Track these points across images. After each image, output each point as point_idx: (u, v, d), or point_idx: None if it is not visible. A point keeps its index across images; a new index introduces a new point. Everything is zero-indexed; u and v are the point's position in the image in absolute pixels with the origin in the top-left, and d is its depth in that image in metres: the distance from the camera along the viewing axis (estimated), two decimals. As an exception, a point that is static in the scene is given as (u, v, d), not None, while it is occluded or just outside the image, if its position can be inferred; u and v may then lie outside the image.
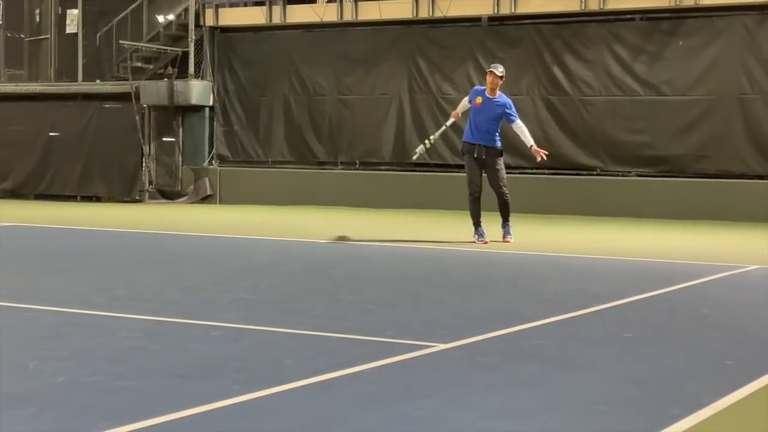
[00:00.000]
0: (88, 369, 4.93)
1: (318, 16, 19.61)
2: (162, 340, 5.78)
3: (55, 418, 4.07)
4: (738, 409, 4.41)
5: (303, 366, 5.10)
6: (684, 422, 4.12)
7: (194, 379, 4.79)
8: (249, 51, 20.53)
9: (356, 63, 19.58)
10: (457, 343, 5.72)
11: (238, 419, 4.13)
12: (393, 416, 4.19)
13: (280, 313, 6.82)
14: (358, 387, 4.71)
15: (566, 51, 17.95)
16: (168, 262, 10.04)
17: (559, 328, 6.38)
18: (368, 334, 6.01)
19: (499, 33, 18.49)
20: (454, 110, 12.73)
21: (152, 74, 20.98)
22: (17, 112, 21.74)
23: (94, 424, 3.93)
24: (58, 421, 4.04)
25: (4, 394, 4.42)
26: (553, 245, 12.09)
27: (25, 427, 3.93)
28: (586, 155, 17.82)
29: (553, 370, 5.13)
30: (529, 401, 4.50)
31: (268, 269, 9.56)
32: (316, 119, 20.01)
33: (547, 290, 8.18)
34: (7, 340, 5.74)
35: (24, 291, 7.63)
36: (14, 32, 23.13)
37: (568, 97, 17.91)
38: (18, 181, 21.70)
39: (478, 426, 4.08)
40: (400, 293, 8.03)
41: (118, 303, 7.11)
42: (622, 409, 4.41)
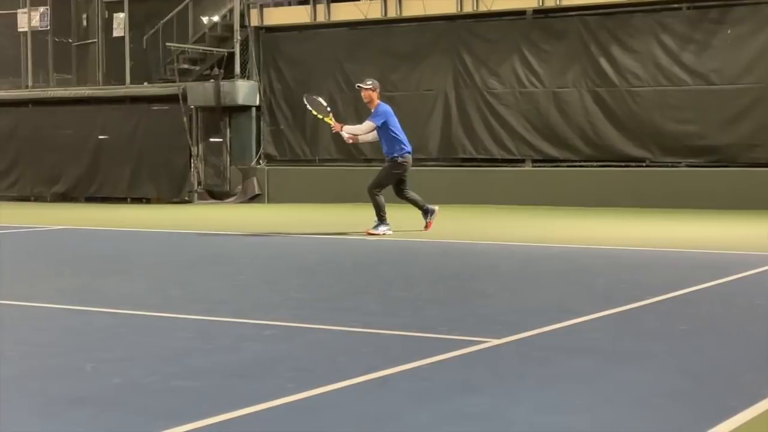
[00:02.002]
0: (143, 370, 4.98)
1: (362, 13, 19.62)
2: (215, 339, 5.81)
3: (112, 419, 4.11)
4: (797, 400, 4.35)
5: (357, 363, 5.10)
6: (742, 415, 4.07)
7: (249, 379, 4.81)
8: (294, 50, 20.60)
9: (401, 59, 19.57)
10: (510, 338, 5.70)
11: (294, 417, 4.14)
12: (448, 412, 4.18)
13: (331, 311, 6.83)
14: (412, 383, 4.71)
15: (613, 42, 17.82)
16: (218, 262, 10.11)
17: (612, 322, 6.33)
18: (420, 330, 6.00)
19: (545, 26, 18.39)
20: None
21: (199, 75, 21.13)
22: (67, 117, 22.01)
23: (152, 424, 3.97)
24: (116, 421, 4.08)
25: (63, 395, 4.47)
26: (602, 238, 12.00)
27: (83, 428, 3.98)
28: (635, 147, 17.68)
29: (608, 364, 5.10)
30: (584, 395, 4.47)
31: (318, 267, 9.59)
32: (362, 116, 19.99)
33: (598, 283, 8.13)
34: (63, 342, 5.81)
35: (78, 293, 7.73)
36: (62, 37, 23.40)
37: (615, 88, 17.77)
38: (69, 184, 21.97)
39: (534, 421, 4.07)
40: (451, 289, 8.02)
41: (171, 303, 7.17)
42: (679, 402, 4.36)
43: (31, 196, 22.32)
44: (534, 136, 18.44)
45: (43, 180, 22.22)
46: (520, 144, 18.56)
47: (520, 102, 18.55)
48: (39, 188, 22.31)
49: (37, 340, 5.85)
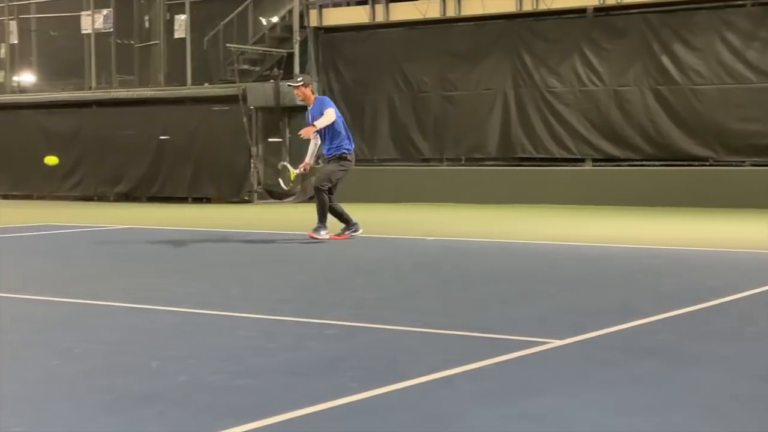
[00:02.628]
0: (208, 368, 5.01)
1: (421, 13, 19.61)
2: (277, 338, 5.84)
3: (178, 416, 4.15)
4: None
5: (419, 363, 5.09)
6: (815, 419, 3.99)
7: (312, 377, 4.82)
8: (353, 50, 20.65)
9: (460, 59, 19.53)
10: (573, 339, 5.64)
11: (358, 417, 4.14)
12: (512, 413, 4.15)
13: (391, 311, 6.83)
14: (475, 384, 4.69)
15: (675, 39, 17.62)
16: (279, 261, 10.15)
17: (677, 323, 6.25)
18: (482, 330, 5.97)
19: (605, 24, 18.24)
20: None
21: (258, 76, 21.27)
22: (129, 117, 22.28)
23: (216, 422, 3.99)
24: (182, 419, 4.11)
25: (130, 393, 4.52)
26: (666, 238, 11.86)
27: (151, 425, 4.01)
28: (698, 145, 17.46)
29: (674, 366, 5.03)
30: (650, 398, 4.41)
31: (377, 267, 9.60)
32: (421, 116, 20.02)
33: (663, 284, 8.03)
34: (129, 339, 5.87)
35: (142, 291, 7.81)
36: (125, 39, 23.70)
37: (677, 86, 17.57)
38: (131, 184, 22.24)
39: (599, 423, 4.02)
40: (511, 289, 7.98)
41: (232, 302, 7.22)
42: (749, 406, 4.29)
43: (94, 196, 22.63)
44: (594, 135, 18.29)
45: (106, 180, 22.52)
46: (580, 143, 18.42)
47: (580, 101, 18.41)
48: (102, 188, 22.62)
49: (103, 337, 5.93)
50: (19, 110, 23.83)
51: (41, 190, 23.28)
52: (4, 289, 7.91)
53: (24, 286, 8.15)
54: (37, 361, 5.25)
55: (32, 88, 25.27)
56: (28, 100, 24.05)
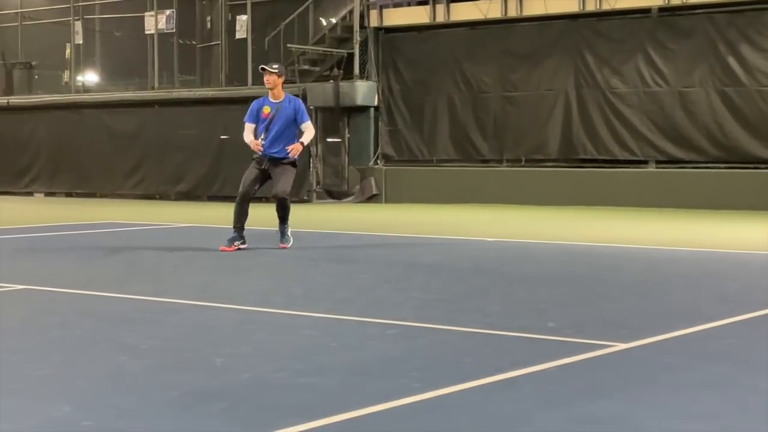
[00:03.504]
0: (271, 366, 5.03)
1: (482, 13, 19.54)
2: (340, 337, 5.85)
3: (243, 413, 4.16)
4: None
5: (482, 364, 5.06)
6: None
7: (375, 377, 4.82)
8: (413, 50, 20.63)
9: (521, 59, 19.43)
10: (639, 342, 5.57)
11: (421, 417, 4.13)
12: (578, 416, 4.11)
13: (453, 312, 6.80)
14: (540, 386, 4.65)
15: (742, 40, 17.36)
16: (339, 261, 10.17)
17: (745, 328, 6.14)
18: (545, 333, 5.92)
19: (670, 24, 18.02)
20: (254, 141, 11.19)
21: (319, 76, 21.35)
22: (190, 117, 22.50)
23: (281, 419, 4.00)
24: (247, 415, 4.13)
25: (196, 389, 4.55)
26: (732, 242, 11.68)
27: (216, 421, 4.03)
28: (764, 147, 17.20)
29: (743, 371, 4.94)
30: (718, 403, 4.34)
31: (438, 267, 9.57)
32: (481, 117, 19.95)
33: (729, 288, 7.90)
34: (193, 336, 5.92)
35: (205, 290, 7.87)
36: (187, 39, 23.94)
37: (744, 87, 17.32)
38: (192, 183, 22.44)
39: (666, 427, 3.96)
40: (574, 291, 7.90)
41: (295, 301, 7.24)
42: (820, 413, 4.20)
43: (156, 195, 22.89)
44: (658, 136, 18.08)
45: (168, 179, 22.76)
46: (644, 145, 18.22)
47: (643, 102, 18.21)
48: (163, 187, 22.86)
49: (168, 334, 5.98)
50: (82, 109, 24.17)
51: (104, 189, 23.60)
52: (69, 285, 8.02)
53: (88, 282, 8.25)
54: (104, 357, 5.31)
55: (96, 87, 25.64)
56: (92, 99, 24.39)
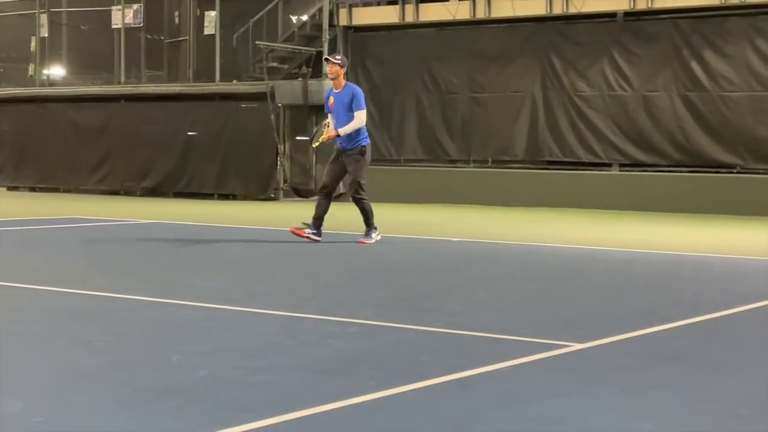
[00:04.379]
0: (229, 363, 5.04)
1: (451, 14, 19.60)
2: (300, 335, 5.86)
3: (198, 411, 4.17)
4: None
5: (440, 363, 5.10)
6: (836, 429, 3.97)
7: (332, 375, 4.84)
8: (382, 50, 20.66)
9: (489, 61, 19.50)
10: (595, 343, 5.63)
11: (376, 415, 4.15)
12: (532, 416, 4.15)
13: (414, 311, 6.83)
14: (495, 385, 4.69)
15: (705, 46, 17.52)
16: (303, 259, 10.17)
17: (700, 329, 6.22)
18: (504, 332, 5.97)
19: (636, 29, 18.16)
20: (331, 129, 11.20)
21: (287, 74, 21.32)
22: (157, 112, 22.38)
23: (236, 417, 4.01)
24: (202, 413, 4.14)
25: (150, 386, 4.55)
26: (690, 245, 11.80)
27: (170, 418, 4.04)
28: (726, 152, 17.36)
29: (696, 372, 5.01)
30: (671, 404, 4.39)
31: (402, 267, 9.60)
32: (449, 117, 20.01)
33: (685, 290, 7.99)
34: (151, 333, 5.91)
35: (166, 286, 7.85)
36: (154, 34, 23.82)
37: (707, 93, 17.48)
38: (158, 179, 22.33)
39: (619, 428, 4.01)
40: (534, 292, 7.96)
41: (256, 299, 7.25)
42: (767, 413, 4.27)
43: (120, 190, 22.75)
44: (622, 139, 18.22)
45: (133, 174, 22.63)
46: (608, 148, 18.35)
47: (608, 105, 18.34)
48: (129, 182, 22.73)
49: (126, 331, 5.96)
50: (47, 103, 23.97)
51: (68, 183, 23.43)
52: (28, 281, 7.97)
53: (48, 278, 8.21)
54: (59, 353, 5.29)
55: (61, 81, 25.44)
56: (57, 93, 24.22)
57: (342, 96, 11.19)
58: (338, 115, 11.17)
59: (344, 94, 11.19)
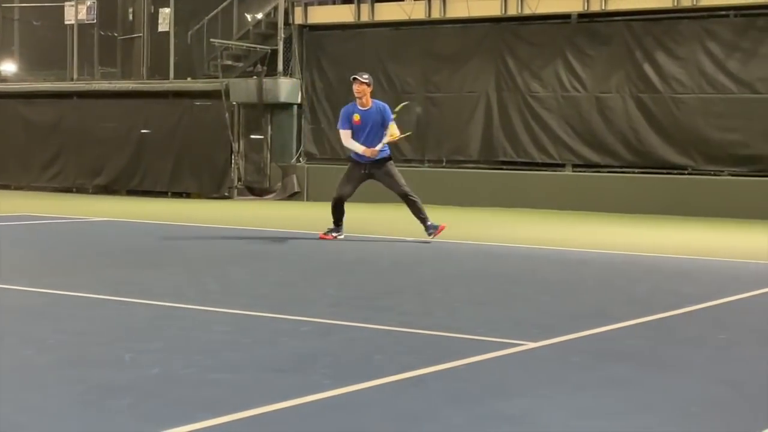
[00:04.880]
0: (181, 361, 5.01)
1: (406, 14, 19.63)
2: (253, 334, 5.84)
3: (150, 409, 4.14)
4: (839, 414, 4.30)
5: (393, 362, 5.11)
6: (782, 426, 4.03)
7: (285, 373, 4.83)
8: (337, 49, 20.64)
9: (444, 61, 19.55)
10: (548, 341, 5.67)
11: (329, 413, 4.15)
12: (484, 414, 4.17)
13: (368, 310, 6.84)
14: (448, 384, 4.70)
15: (658, 48, 17.70)
16: (257, 258, 10.15)
17: (651, 329, 6.29)
18: (457, 331, 5.99)
19: (589, 30, 18.30)
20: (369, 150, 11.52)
21: (242, 72, 21.23)
22: (110, 110, 22.19)
23: (188, 415, 3.99)
24: (154, 411, 4.11)
25: (102, 384, 4.51)
26: (643, 245, 11.92)
27: (121, 416, 4.01)
28: (677, 154, 17.55)
29: (646, 371, 5.06)
30: (621, 402, 4.44)
31: (356, 265, 9.61)
32: (403, 117, 19.97)
33: (637, 290, 8.07)
34: (103, 331, 5.86)
35: (118, 284, 7.79)
36: (108, 31, 23.61)
37: (659, 95, 17.66)
38: (111, 177, 22.14)
39: (571, 426, 4.05)
40: (489, 291, 8.00)
41: (209, 297, 7.21)
42: (717, 411, 4.33)
43: (73, 188, 22.53)
44: (575, 140, 18.36)
45: (86, 172, 22.42)
46: (561, 148, 18.48)
47: (562, 106, 18.47)
48: (81, 180, 22.51)
49: (77, 328, 5.91)
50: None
51: (19, 181, 23.15)
52: (-21, 278, 7.87)
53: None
54: (9, 351, 5.23)
55: (13, 77, 25.13)
56: (9, 89, 23.92)
57: (372, 113, 11.49)
58: (369, 132, 11.45)
59: (374, 111, 11.51)
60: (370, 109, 11.49)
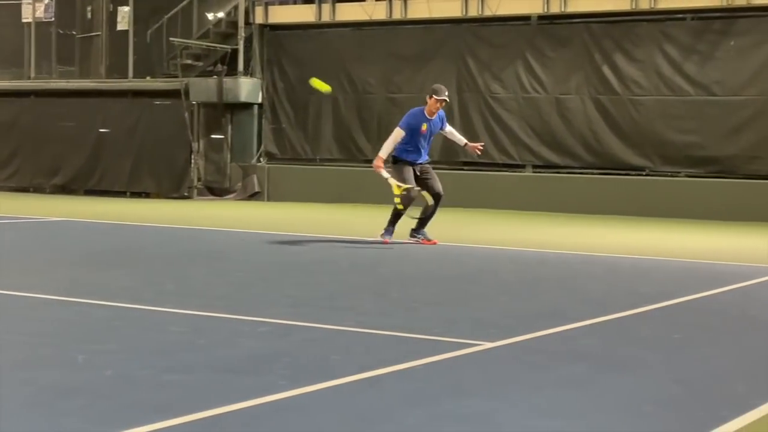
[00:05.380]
0: (137, 362, 4.97)
1: (367, 14, 19.63)
2: (210, 335, 5.81)
3: (104, 411, 4.10)
4: (789, 412, 4.35)
5: (350, 362, 5.10)
6: (732, 424, 4.07)
7: (242, 374, 4.81)
8: (298, 49, 20.59)
9: (405, 61, 19.57)
10: (505, 341, 5.69)
11: (286, 414, 4.13)
12: (440, 414, 4.18)
13: (327, 310, 6.83)
14: (405, 384, 4.70)
15: (616, 50, 17.82)
16: (216, 258, 10.10)
17: (607, 329, 6.33)
18: (415, 331, 5.99)
19: (549, 32, 18.40)
20: (380, 160, 11.79)
21: (202, 71, 21.12)
22: (68, 109, 22.00)
23: (143, 416, 3.96)
24: (107, 413, 4.07)
25: (55, 386, 4.46)
26: (601, 245, 12.00)
27: (74, 418, 3.97)
28: (636, 155, 17.68)
29: (601, 370, 5.09)
30: (576, 401, 4.46)
31: (315, 266, 9.59)
32: (365, 117, 20.03)
33: (595, 290, 8.12)
34: (57, 333, 5.80)
35: (74, 285, 7.72)
36: (66, 29, 23.39)
37: (617, 96, 17.78)
38: (69, 176, 21.95)
39: (526, 425, 4.06)
40: (447, 291, 8.01)
41: (166, 298, 7.17)
42: (670, 410, 4.36)
43: (30, 187, 22.30)
44: (535, 141, 18.45)
45: (43, 171, 22.21)
46: (521, 149, 18.56)
47: (522, 107, 18.55)
48: (38, 179, 22.30)
49: (30, 329, 5.85)
50: (-45, 98, 23.42)
51: (-25, 180, 22.92)
52: (-69, 279, 7.77)
53: (-47, 276, 8.01)
54: (-38, 352, 5.17)
55: (-30, 75, 24.84)
56: (-35, 87, 23.65)
57: (435, 122, 11.70)
58: (429, 139, 11.81)
59: (437, 120, 11.72)
60: (434, 119, 11.70)
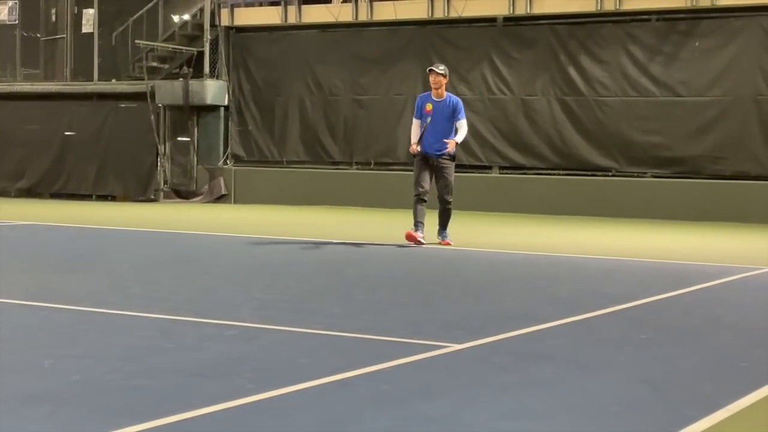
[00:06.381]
0: (103, 367, 4.94)
1: (333, 16, 19.62)
2: (176, 339, 5.78)
3: (70, 416, 4.07)
4: (753, 410, 4.39)
5: (318, 365, 5.09)
6: (699, 424, 4.10)
7: (209, 378, 4.79)
8: (264, 51, 20.56)
9: (371, 63, 19.59)
10: (472, 343, 5.71)
11: (253, 418, 4.12)
12: (407, 416, 4.18)
13: (294, 313, 6.81)
14: (372, 386, 4.70)
15: (582, 51, 17.93)
16: (182, 262, 10.05)
17: (573, 329, 6.36)
18: (382, 333, 6.00)
19: (515, 33, 18.48)
20: (412, 144, 11.71)
21: (167, 74, 21.04)
22: (33, 112, 21.84)
23: (109, 422, 3.93)
24: (73, 418, 4.04)
25: (20, 391, 4.42)
26: (567, 246, 12.06)
27: (40, 424, 3.93)
28: (601, 156, 17.80)
29: (568, 371, 5.12)
30: (543, 402, 4.48)
31: (282, 269, 9.57)
32: (331, 119, 20.03)
33: (561, 291, 8.16)
34: (22, 338, 5.75)
35: (39, 290, 7.65)
36: (30, 32, 23.21)
37: (583, 97, 17.89)
38: (34, 179, 21.79)
39: (493, 426, 4.07)
40: (414, 293, 8.02)
41: (132, 302, 7.12)
42: (637, 411, 4.39)
43: (-6, 191, 22.12)
44: (501, 143, 18.52)
45: (8, 175, 22.03)
46: (488, 150, 18.62)
47: (488, 109, 18.61)
48: (3, 183, 22.11)
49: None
50: None
51: (-61, 184, 22.67)
52: None
53: None
54: (-75, 359, 5.11)
55: (-68, 78, 24.57)
56: (-72, 90, 23.40)
57: (443, 106, 11.51)
58: (437, 123, 11.46)
59: (445, 104, 11.52)
60: (443, 101, 11.54)
